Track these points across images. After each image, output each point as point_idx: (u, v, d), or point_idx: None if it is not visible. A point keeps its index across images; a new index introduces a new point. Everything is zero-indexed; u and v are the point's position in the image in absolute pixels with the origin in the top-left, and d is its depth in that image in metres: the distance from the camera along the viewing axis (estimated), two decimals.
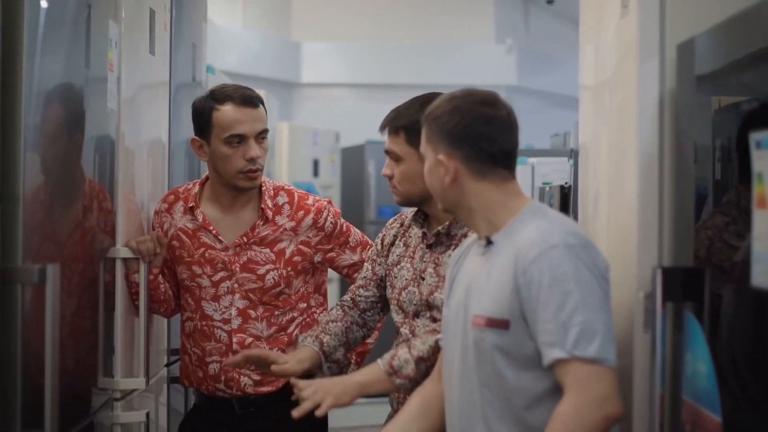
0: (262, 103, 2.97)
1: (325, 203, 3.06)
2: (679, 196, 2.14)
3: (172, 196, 3.09)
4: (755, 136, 1.67)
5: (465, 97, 2.17)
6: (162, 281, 3.06)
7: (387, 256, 2.75)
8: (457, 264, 2.28)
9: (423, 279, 2.60)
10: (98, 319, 2.78)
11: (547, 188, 4.23)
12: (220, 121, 2.90)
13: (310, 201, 3.03)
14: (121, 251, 2.89)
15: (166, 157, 3.54)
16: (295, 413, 2.43)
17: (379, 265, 2.78)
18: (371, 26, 9.69)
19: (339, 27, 9.67)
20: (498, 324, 2.03)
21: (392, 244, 2.75)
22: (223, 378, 2.97)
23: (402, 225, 2.76)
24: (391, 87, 8.98)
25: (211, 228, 2.99)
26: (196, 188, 3.06)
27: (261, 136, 2.93)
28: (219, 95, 2.92)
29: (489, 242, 2.13)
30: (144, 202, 3.21)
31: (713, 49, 2.01)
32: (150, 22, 3.23)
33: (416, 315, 2.61)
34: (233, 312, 2.96)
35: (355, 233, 3.11)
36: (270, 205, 2.99)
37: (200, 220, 3.00)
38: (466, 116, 2.14)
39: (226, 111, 2.90)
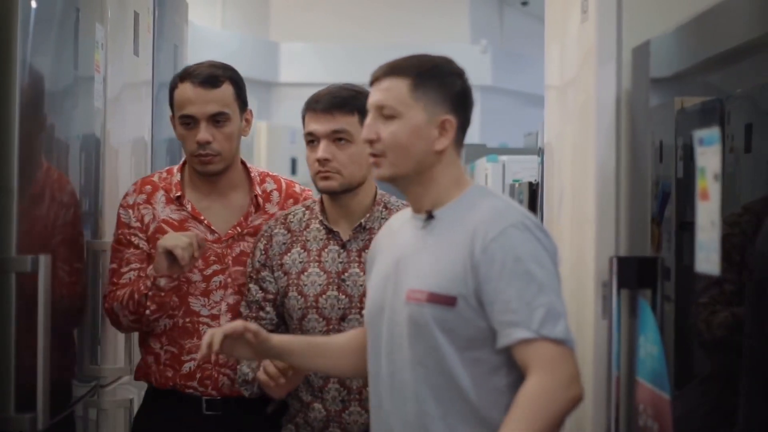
0: (236, 83, 2.76)
1: (310, 194, 2.88)
2: (635, 191, 2.25)
3: (149, 186, 2.80)
4: (698, 134, 1.80)
5: (450, 62, 2.11)
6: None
7: (280, 267, 2.58)
8: (380, 240, 2.20)
9: (343, 281, 2.52)
10: (85, 309, 2.88)
11: (517, 185, 4.38)
12: (176, 100, 2.72)
13: (297, 189, 2.89)
14: (106, 244, 2.99)
15: (148, 155, 3.65)
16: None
17: (269, 281, 2.59)
18: (348, 27, 9.79)
19: (316, 27, 9.76)
20: (442, 300, 1.95)
21: (284, 253, 2.59)
22: (198, 376, 2.72)
23: (289, 231, 2.61)
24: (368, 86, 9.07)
25: (202, 218, 2.75)
26: (177, 176, 2.80)
27: (215, 119, 2.68)
28: (184, 72, 2.75)
29: (430, 216, 2.04)
30: None
31: (673, 51, 2.12)
32: (134, 24, 3.35)
33: (343, 318, 2.51)
34: (223, 307, 2.73)
35: None
36: (260, 192, 2.80)
37: (189, 209, 2.75)
38: (465, 82, 2.08)
39: (183, 90, 2.70)
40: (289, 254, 2.59)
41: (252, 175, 2.81)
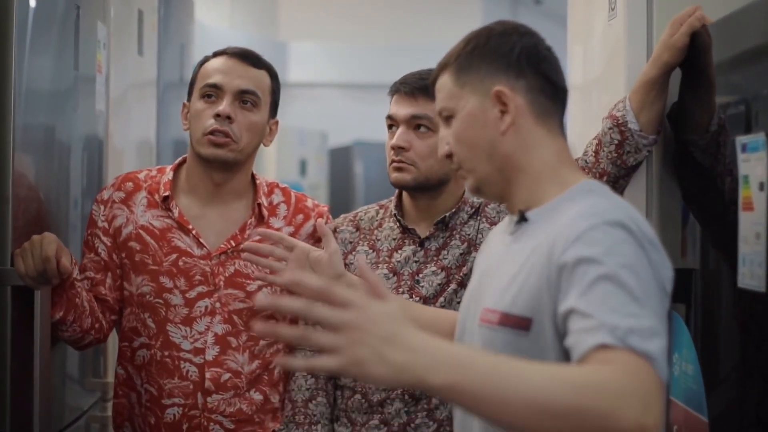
0: (274, 79, 2.44)
1: (326, 210, 2.49)
2: (666, 198, 2.15)
3: (131, 183, 2.40)
4: (741, 140, 1.69)
5: (503, 23, 1.66)
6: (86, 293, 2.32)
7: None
8: (480, 250, 1.83)
9: (417, 282, 2.25)
10: None
11: None
12: (201, 73, 2.37)
13: (309, 204, 2.47)
14: None
15: (153, 156, 3.57)
16: None
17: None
18: (358, 26, 9.70)
19: (326, 27, 9.68)
20: (515, 322, 1.50)
21: (349, 252, 2.33)
22: (185, 426, 2.31)
23: (358, 229, 2.36)
24: (378, 87, 8.98)
25: (190, 227, 2.34)
26: (169, 175, 2.40)
27: (242, 98, 2.32)
28: (218, 50, 2.40)
29: (522, 218, 1.60)
30: None
31: None
32: (138, 23, 3.25)
33: None
34: (209, 339, 2.32)
35: None
36: (265, 203, 2.40)
37: (176, 215, 2.35)
38: (522, 38, 1.62)
39: (212, 62, 2.37)
40: (354, 253, 2.31)
41: (258, 182, 2.43)
